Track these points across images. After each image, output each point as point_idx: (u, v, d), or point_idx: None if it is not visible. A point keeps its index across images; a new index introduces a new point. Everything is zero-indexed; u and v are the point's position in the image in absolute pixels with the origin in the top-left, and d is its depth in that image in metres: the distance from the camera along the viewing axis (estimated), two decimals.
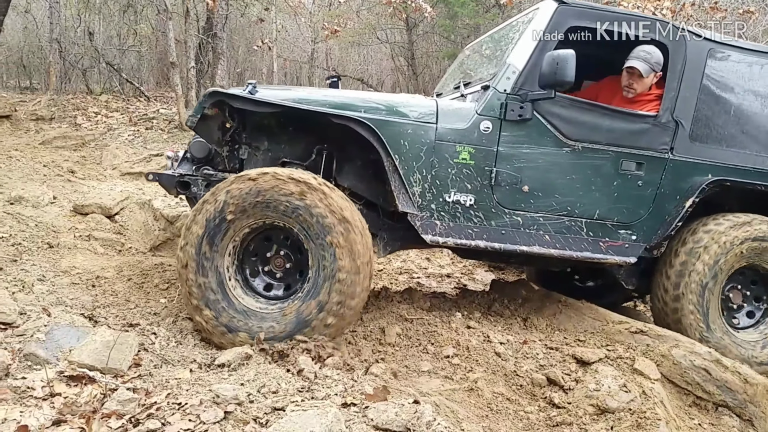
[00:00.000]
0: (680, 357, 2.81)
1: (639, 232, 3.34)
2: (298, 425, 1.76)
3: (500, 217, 3.18)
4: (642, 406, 2.48)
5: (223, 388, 2.07)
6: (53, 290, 3.08)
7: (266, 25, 13.45)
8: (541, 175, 3.17)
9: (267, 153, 3.29)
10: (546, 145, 3.16)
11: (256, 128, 3.26)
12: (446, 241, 3.13)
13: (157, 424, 1.89)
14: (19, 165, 6.07)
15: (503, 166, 3.13)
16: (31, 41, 13.54)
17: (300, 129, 3.27)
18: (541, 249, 3.19)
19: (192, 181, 3.26)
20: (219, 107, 3.07)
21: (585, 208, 3.25)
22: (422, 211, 3.10)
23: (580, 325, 3.35)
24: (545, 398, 2.68)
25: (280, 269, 2.92)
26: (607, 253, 3.28)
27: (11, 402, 2.03)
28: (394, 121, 3.04)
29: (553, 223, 3.23)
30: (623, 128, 3.25)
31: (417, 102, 3.24)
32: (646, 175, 3.29)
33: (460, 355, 2.90)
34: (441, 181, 3.10)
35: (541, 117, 3.14)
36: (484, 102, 3.12)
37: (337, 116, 2.96)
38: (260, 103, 2.96)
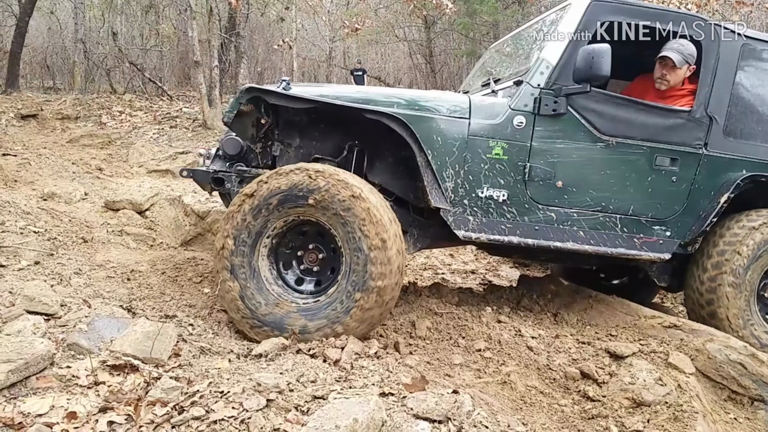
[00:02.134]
0: (715, 351, 2.79)
1: (673, 228, 3.31)
2: (341, 412, 1.78)
3: (533, 212, 3.16)
4: (678, 399, 2.47)
5: (264, 377, 2.10)
6: (90, 283, 3.13)
7: (286, 24, 13.53)
8: (575, 171, 3.16)
9: (299, 150, 3.31)
10: (580, 140, 3.15)
11: (288, 125, 3.28)
12: (479, 236, 3.11)
13: (201, 411, 1.93)
14: (48, 162, 6.19)
15: (537, 161, 3.11)
16: (55, 42, 13.77)
17: (331, 125, 3.28)
18: (575, 245, 3.17)
19: (226, 177, 3.29)
20: (254, 103, 3.08)
21: (619, 203, 3.22)
22: (455, 207, 3.10)
23: (611, 320, 3.34)
24: (579, 391, 2.68)
25: (314, 264, 2.93)
26: (641, 249, 3.26)
27: (57, 390, 2.08)
28: (427, 117, 3.04)
29: (587, 218, 3.20)
30: (657, 123, 3.23)
31: (449, 97, 3.23)
32: (680, 170, 3.26)
33: (491, 348, 2.91)
34: (474, 176, 3.09)
35: (575, 112, 3.13)
36: (517, 97, 3.11)
37: (371, 111, 2.97)
38: (295, 98, 2.97)
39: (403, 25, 15.28)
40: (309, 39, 16.59)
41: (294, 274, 2.95)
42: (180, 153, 7.41)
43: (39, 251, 3.42)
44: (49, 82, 13.36)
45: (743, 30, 3.41)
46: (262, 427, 1.86)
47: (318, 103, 2.98)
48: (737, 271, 3.22)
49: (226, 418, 1.89)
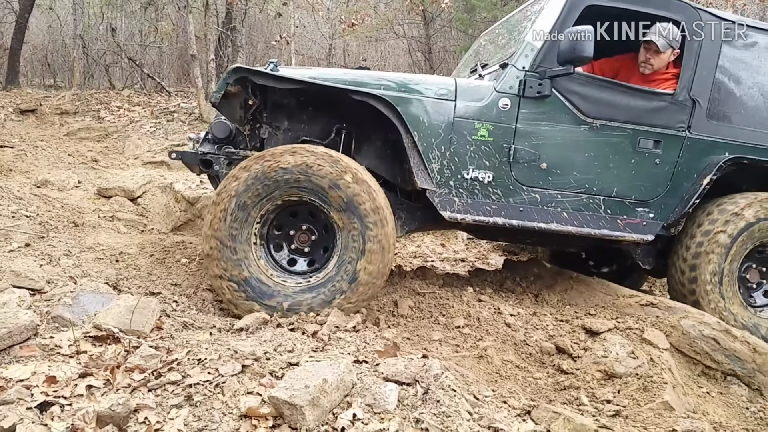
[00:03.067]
0: (689, 327, 2.84)
1: (656, 210, 3.35)
2: (312, 374, 1.84)
3: (518, 194, 3.19)
4: (649, 371, 2.52)
5: (241, 345, 2.17)
6: (78, 264, 3.19)
7: (284, 20, 13.60)
8: (559, 153, 3.20)
9: (287, 132, 3.32)
10: (564, 122, 3.18)
11: (276, 107, 3.29)
12: (464, 217, 3.15)
13: (177, 376, 1.99)
14: (45, 154, 6.26)
15: (521, 143, 3.15)
16: (55, 39, 13.85)
17: (319, 108, 3.30)
18: (559, 226, 3.21)
19: (214, 160, 3.32)
20: (242, 84, 3.08)
21: (603, 185, 3.26)
22: (440, 188, 3.13)
23: (591, 299, 3.40)
24: (554, 365, 2.73)
25: (305, 244, 2.98)
26: (624, 230, 3.30)
27: (40, 358, 2.14)
28: (413, 98, 3.07)
29: (571, 200, 3.24)
30: (641, 106, 3.27)
31: (436, 80, 3.27)
32: (663, 152, 3.30)
33: (470, 325, 2.96)
34: (459, 158, 3.13)
35: (559, 94, 3.16)
36: (502, 79, 3.14)
37: (358, 93, 2.99)
38: (283, 79, 2.98)
39: (402, 22, 15.33)
40: (308, 36, 16.65)
41: (285, 256, 3.00)
42: (176, 146, 7.46)
43: (30, 234, 3.49)
44: (49, 79, 13.45)
45: (726, 14, 3.46)
46: (236, 390, 1.92)
47: (306, 84, 2.99)
48: (718, 255, 3.25)
49: (201, 382, 1.95)
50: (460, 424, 1.83)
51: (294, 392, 1.75)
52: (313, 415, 1.74)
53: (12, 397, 1.80)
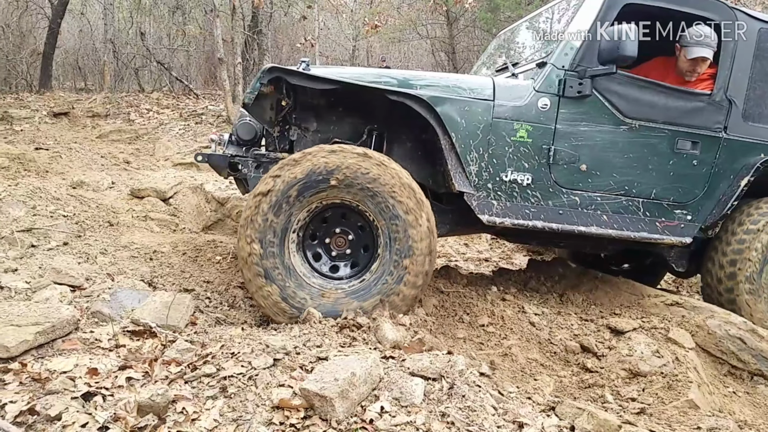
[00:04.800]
0: (715, 327, 2.84)
1: (694, 212, 3.31)
2: (340, 367, 1.90)
3: (557, 196, 3.14)
4: (674, 370, 2.54)
5: (272, 339, 2.24)
6: (114, 262, 3.31)
7: (309, 22, 13.74)
8: (598, 154, 3.15)
9: (316, 134, 3.29)
10: (604, 122, 3.14)
11: (305, 108, 3.25)
12: (503, 221, 3.08)
13: (212, 369, 2.07)
14: (78, 156, 6.45)
15: (561, 144, 3.10)
16: (86, 43, 14.20)
17: (349, 108, 3.26)
18: (599, 229, 3.16)
19: (242, 162, 3.28)
20: (275, 85, 3.02)
21: (642, 187, 3.22)
22: (478, 191, 3.06)
23: (616, 299, 3.41)
24: (578, 364, 2.76)
25: (343, 248, 2.94)
26: (663, 233, 3.25)
27: (81, 351, 2.24)
28: (451, 98, 3.01)
29: (610, 202, 3.19)
30: (679, 106, 3.23)
31: (473, 79, 3.23)
32: (701, 154, 3.26)
33: (494, 324, 3.00)
34: (498, 159, 3.07)
35: (599, 94, 3.11)
36: (542, 78, 3.09)
37: (395, 93, 2.93)
38: (318, 79, 2.91)
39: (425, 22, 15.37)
40: (332, 38, 16.79)
41: (326, 264, 2.95)
42: (204, 147, 7.62)
43: (68, 233, 3.62)
44: (81, 83, 13.80)
45: (761, 14, 3.43)
46: (269, 382, 2.00)
47: (342, 84, 2.93)
48: (757, 258, 3.22)
49: (235, 375, 2.02)
50: (485, 419, 1.88)
51: (324, 385, 1.81)
52: (343, 407, 1.80)
53: (57, 387, 1.90)
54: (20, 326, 2.20)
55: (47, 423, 1.74)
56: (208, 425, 1.77)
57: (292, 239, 2.81)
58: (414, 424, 1.81)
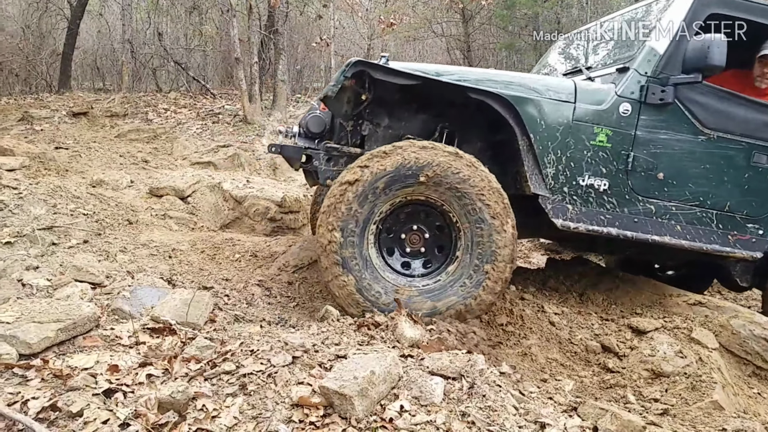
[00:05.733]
0: (739, 327, 2.79)
1: (766, 227, 3.25)
2: (360, 365, 1.89)
3: (634, 204, 3.10)
4: (698, 371, 2.49)
5: (291, 337, 2.24)
6: (134, 260, 3.34)
7: (324, 22, 13.76)
8: (676, 163, 3.11)
9: (387, 129, 3.26)
10: (683, 131, 3.10)
11: (378, 104, 3.22)
12: (577, 226, 3.05)
13: (232, 366, 2.07)
14: (98, 155, 6.51)
15: (640, 151, 3.06)
16: (105, 44, 14.36)
17: (422, 105, 3.24)
18: (672, 239, 3.11)
19: (314, 155, 3.25)
20: (357, 79, 3.00)
21: (716, 199, 3.17)
22: (554, 194, 3.03)
23: (637, 299, 3.36)
24: (599, 364, 2.72)
25: (417, 245, 2.93)
26: (735, 246, 3.20)
27: (102, 348, 2.26)
28: (533, 99, 2.98)
29: (685, 213, 3.14)
30: (757, 119, 3.18)
31: (555, 81, 3.21)
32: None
33: (513, 323, 2.97)
34: (576, 163, 3.03)
35: (679, 103, 3.08)
36: (624, 83, 3.06)
37: (476, 91, 2.90)
38: (402, 74, 2.89)
39: (440, 20, 15.32)
40: (347, 37, 16.81)
41: (398, 259, 2.95)
42: (221, 146, 7.67)
43: (87, 231, 3.66)
44: (99, 83, 13.95)
45: None
46: (288, 380, 1.99)
47: (424, 80, 2.90)
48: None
49: (254, 372, 2.03)
50: (506, 418, 1.85)
51: (343, 383, 1.80)
52: (362, 405, 1.79)
53: (79, 384, 1.91)
54: (42, 323, 2.22)
55: (69, 419, 1.75)
56: (228, 422, 1.77)
57: (372, 231, 2.81)
58: (434, 423, 1.80)
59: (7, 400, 1.81)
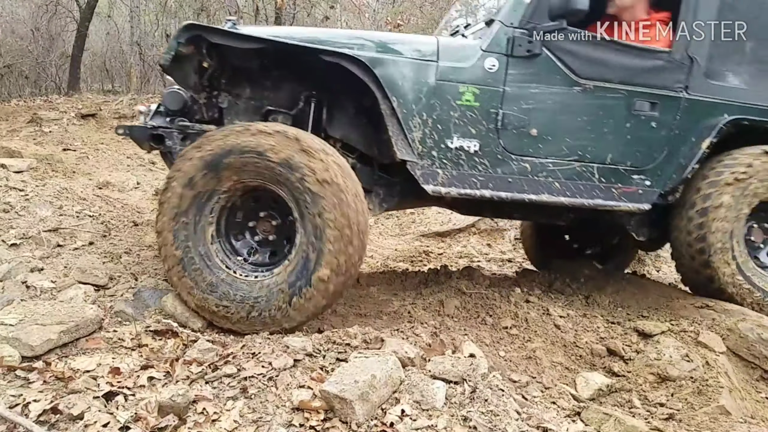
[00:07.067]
0: (747, 330, 2.75)
1: (653, 177, 3.13)
2: (360, 369, 1.88)
3: (507, 163, 2.97)
4: (704, 375, 2.46)
5: (293, 341, 2.23)
6: (139, 261, 3.34)
7: (331, 23, 13.77)
8: (550, 118, 2.97)
9: (249, 101, 3.05)
10: (556, 84, 2.96)
11: (237, 73, 3.01)
12: (449, 191, 2.91)
13: (233, 369, 2.07)
14: (105, 156, 6.55)
15: (510, 107, 2.91)
16: (113, 46, 14.44)
17: (286, 73, 3.01)
18: (551, 197, 2.99)
19: (167, 134, 2.97)
20: (196, 45, 2.75)
21: (597, 152, 3.04)
22: (422, 159, 2.88)
23: (643, 301, 3.33)
24: (605, 367, 2.69)
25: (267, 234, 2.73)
26: (620, 200, 3.08)
27: (104, 350, 2.26)
28: (391, 59, 2.81)
29: (563, 169, 3.02)
30: (636, 65, 3.03)
31: (416, 39, 3.02)
32: (660, 115, 3.07)
33: (518, 326, 2.95)
34: (443, 125, 2.88)
35: (550, 53, 2.92)
36: (489, 37, 2.89)
37: (328, 53, 2.71)
38: (241, 37, 2.70)
39: None
40: None
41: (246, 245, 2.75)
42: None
43: (93, 233, 3.67)
44: (108, 85, 14.02)
45: None
46: (289, 384, 1.99)
47: (267, 43, 2.70)
48: (724, 216, 3.03)
49: (255, 375, 2.02)
50: (509, 423, 1.84)
51: (344, 387, 1.79)
52: (363, 409, 1.78)
53: (80, 386, 1.92)
54: (45, 325, 2.22)
55: (69, 422, 1.75)
56: (228, 426, 1.76)
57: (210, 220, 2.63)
58: (435, 428, 1.79)
59: (9, 403, 1.81)
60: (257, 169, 2.50)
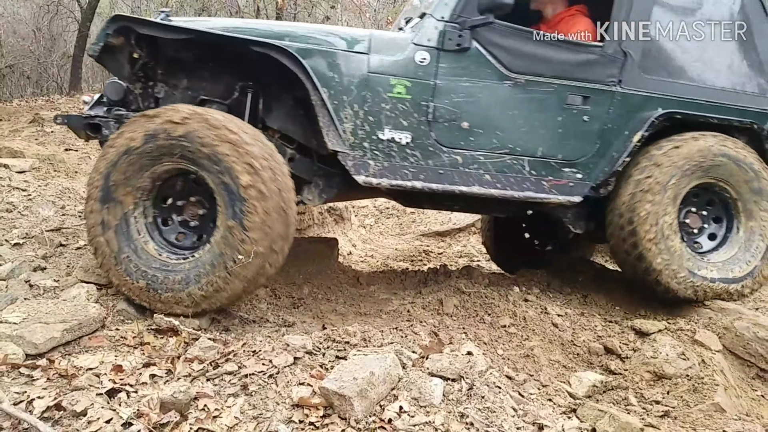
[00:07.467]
0: (743, 329, 2.78)
1: (585, 170, 3.14)
2: (359, 366, 1.91)
3: (438, 156, 3.00)
4: (700, 373, 2.49)
5: (293, 339, 2.26)
6: None
7: (332, 23, 13.80)
8: (481, 111, 3.00)
9: (186, 91, 3.08)
10: (487, 78, 2.98)
11: (173, 63, 3.03)
12: (380, 182, 2.95)
13: (234, 367, 2.10)
14: None
15: (441, 100, 2.95)
16: None
17: (222, 64, 3.04)
18: (481, 189, 3.02)
19: (103, 124, 2.96)
20: (125, 36, 2.78)
21: (527, 145, 3.06)
22: (354, 150, 2.92)
23: (641, 300, 3.35)
24: (602, 365, 2.72)
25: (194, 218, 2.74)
26: (550, 192, 3.10)
27: (107, 349, 2.29)
28: (322, 51, 2.86)
29: (494, 161, 3.04)
30: (568, 59, 3.06)
31: (348, 31, 3.08)
32: (592, 109, 3.08)
33: (516, 324, 2.97)
34: (374, 117, 2.92)
35: (481, 47, 2.95)
36: (420, 31, 2.94)
37: (258, 44, 2.75)
38: (168, 28, 2.72)
39: None
40: None
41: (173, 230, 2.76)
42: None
43: None
44: None
45: None
46: (289, 381, 2.02)
47: (194, 34, 2.73)
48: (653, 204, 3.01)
49: (256, 373, 2.05)
50: (505, 420, 1.87)
51: (343, 384, 1.82)
52: (361, 406, 1.80)
53: (83, 383, 1.95)
54: (48, 324, 2.26)
55: (73, 418, 1.78)
56: (229, 422, 1.79)
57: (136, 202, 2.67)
58: (433, 424, 1.81)
59: (13, 400, 1.84)
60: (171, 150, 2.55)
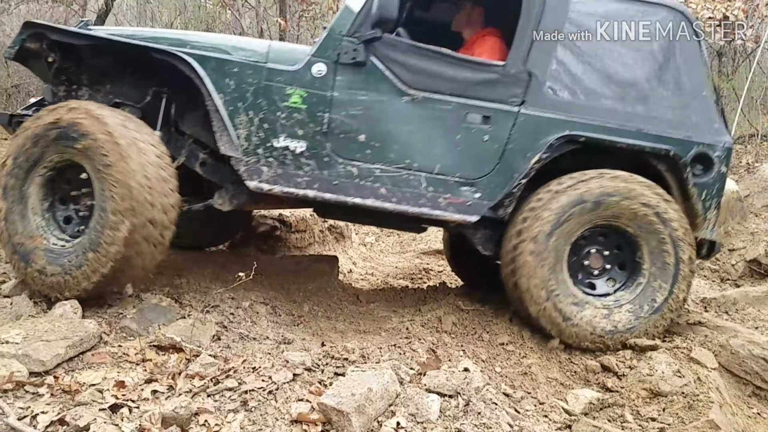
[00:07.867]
0: (738, 346, 2.81)
1: (483, 190, 3.09)
2: (357, 383, 1.95)
3: (333, 166, 3.03)
4: (696, 390, 2.51)
5: (292, 355, 2.30)
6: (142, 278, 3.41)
7: None
8: (379, 125, 3.02)
9: (107, 95, 3.19)
10: (384, 92, 3.01)
11: (95, 69, 3.17)
12: (272, 188, 3.01)
13: (234, 383, 2.13)
14: None
15: (338, 112, 2.99)
16: None
17: (140, 71, 3.16)
18: (376, 202, 3.04)
19: None
20: (40, 41, 2.93)
21: (425, 161, 3.06)
22: (248, 156, 2.99)
23: None
24: (599, 383, 2.75)
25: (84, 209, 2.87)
26: (446, 210, 3.07)
27: (110, 365, 2.33)
28: (218, 58, 2.97)
29: (390, 175, 3.05)
30: (468, 78, 3.05)
31: (248, 42, 3.21)
32: (492, 128, 3.05)
33: (514, 342, 3.01)
34: (270, 124, 2.99)
35: (379, 62, 3.00)
36: (318, 44, 3.02)
37: (158, 51, 2.88)
38: (74, 35, 2.89)
39: None
40: None
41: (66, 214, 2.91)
42: None
43: None
44: None
45: None
46: (288, 397, 2.05)
47: (100, 41, 2.91)
48: (538, 238, 2.94)
49: (256, 389, 2.08)
50: None
51: (341, 399, 1.86)
52: (359, 421, 1.84)
53: (86, 399, 1.98)
54: (50, 341, 2.29)
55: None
56: None
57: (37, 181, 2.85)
58: None
59: (18, 414, 1.88)
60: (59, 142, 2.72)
